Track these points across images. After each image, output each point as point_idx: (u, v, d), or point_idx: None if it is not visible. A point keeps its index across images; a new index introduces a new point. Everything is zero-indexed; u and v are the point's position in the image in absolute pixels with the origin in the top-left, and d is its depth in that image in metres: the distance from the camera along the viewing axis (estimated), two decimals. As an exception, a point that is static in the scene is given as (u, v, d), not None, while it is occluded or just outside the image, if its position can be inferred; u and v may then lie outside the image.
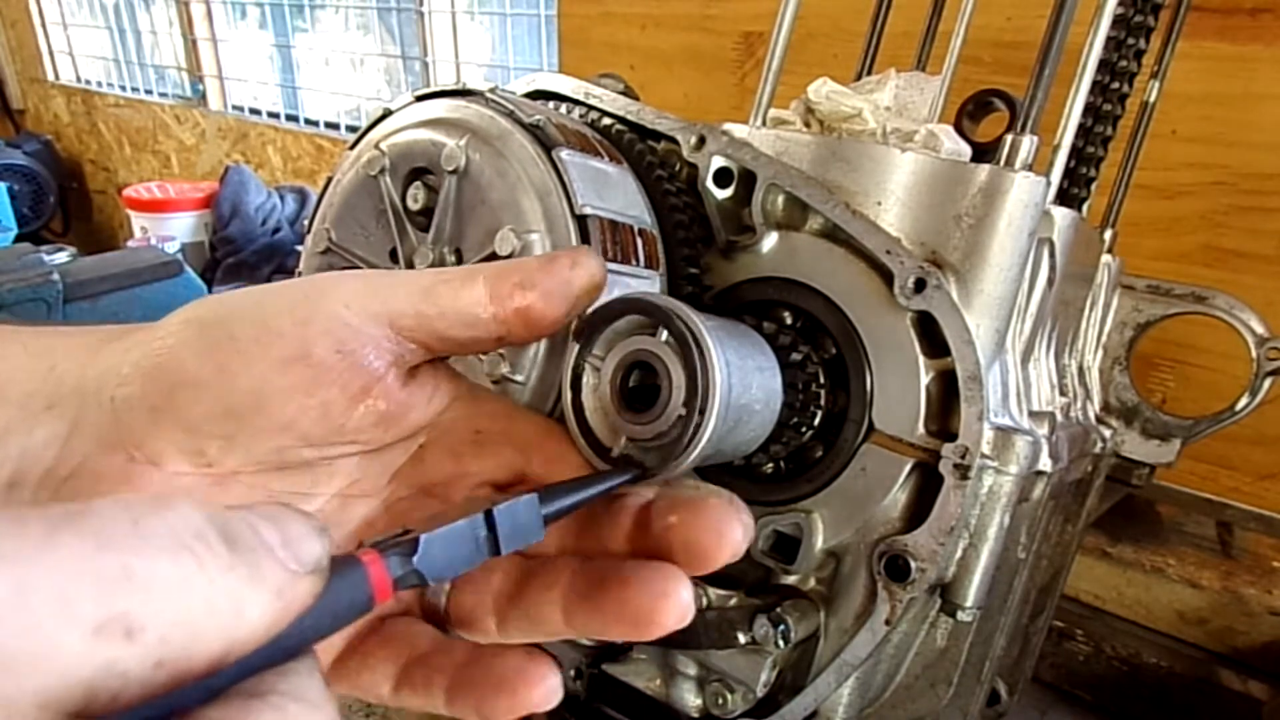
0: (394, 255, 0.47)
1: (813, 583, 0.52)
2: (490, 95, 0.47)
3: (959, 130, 0.61)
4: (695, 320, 0.36)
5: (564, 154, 0.44)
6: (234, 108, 3.41)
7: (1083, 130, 0.74)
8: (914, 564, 0.47)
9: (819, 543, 0.50)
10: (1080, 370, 0.77)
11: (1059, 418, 0.59)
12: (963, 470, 0.45)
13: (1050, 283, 0.56)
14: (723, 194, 0.52)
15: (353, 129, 2.71)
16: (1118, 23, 0.72)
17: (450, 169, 0.45)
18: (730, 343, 0.39)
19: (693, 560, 0.30)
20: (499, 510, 0.29)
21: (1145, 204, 1.03)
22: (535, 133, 0.45)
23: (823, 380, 0.49)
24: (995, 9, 1.12)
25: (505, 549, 0.29)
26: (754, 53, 1.46)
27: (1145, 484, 0.83)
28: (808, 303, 0.51)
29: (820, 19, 1.26)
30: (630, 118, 0.55)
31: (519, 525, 0.29)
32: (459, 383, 0.37)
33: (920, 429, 0.47)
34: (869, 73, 0.80)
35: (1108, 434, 0.75)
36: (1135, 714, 1.09)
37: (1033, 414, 0.55)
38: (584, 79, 0.58)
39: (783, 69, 0.59)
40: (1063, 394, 0.69)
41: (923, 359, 0.48)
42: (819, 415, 0.50)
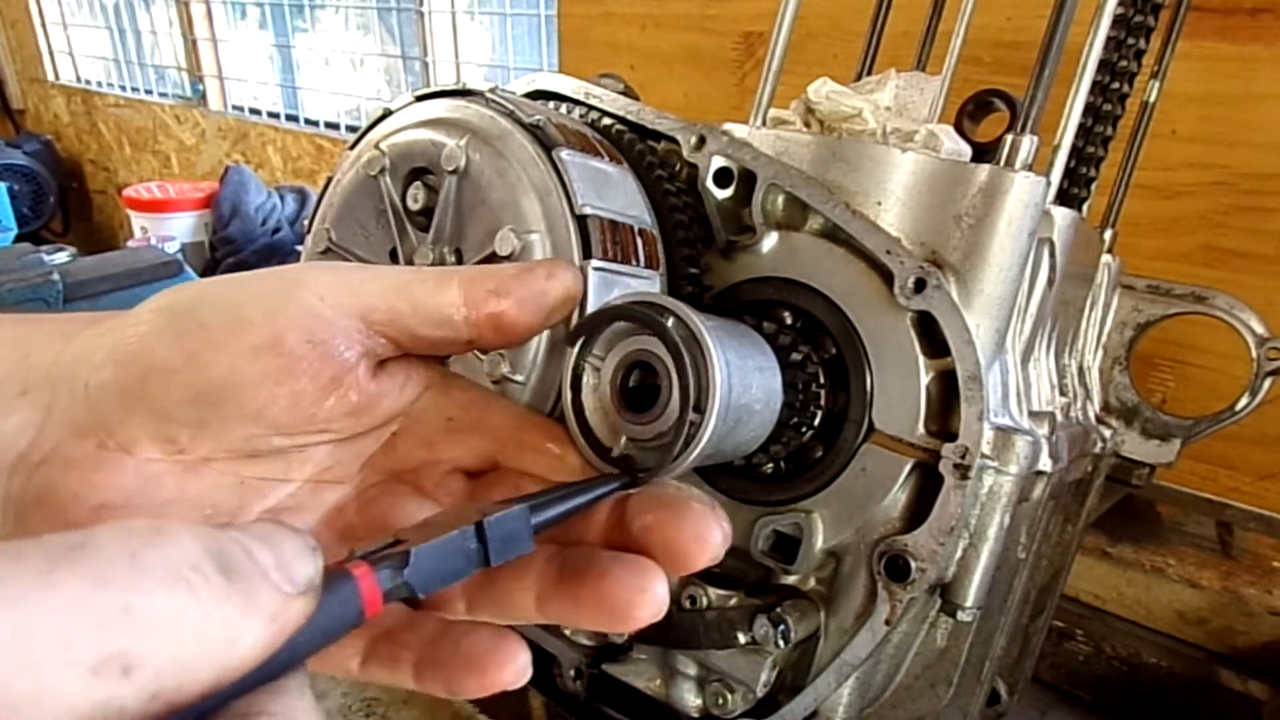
0: (394, 255, 0.47)
1: (813, 583, 0.52)
2: (490, 95, 0.47)
3: (959, 130, 0.61)
4: (695, 320, 0.36)
5: (564, 154, 0.44)
6: (234, 108, 3.41)
7: (1083, 130, 0.74)
8: (914, 564, 0.47)
9: (819, 543, 0.50)
10: (1080, 370, 0.77)
11: (1059, 418, 0.59)
12: (963, 470, 0.45)
13: (1050, 283, 0.56)
14: (723, 194, 0.52)
15: (353, 129, 2.71)
16: (1118, 23, 0.72)
17: (450, 169, 0.45)
18: (730, 343, 0.39)
19: (671, 561, 0.30)
20: (490, 522, 0.29)
21: (1145, 204, 1.03)
22: (535, 133, 0.45)
23: (823, 380, 0.49)
24: (995, 9, 1.12)
25: (495, 561, 0.29)
26: (754, 53, 1.46)
27: (1145, 484, 0.83)
28: (808, 303, 0.51)
29: (820, 19, 1.26)
30: (630, 118, 0.55)
31: (509, 537, 0.29)
32: (431, 371, 0.37)
33: (920, 429, 0.47)
34: (869, 73, 0.80)
35: (1108, 434, 0.75)
36: (1135, 714, 1.09)
37: (1033, 414, 0.55)
38: (584, 79, 0.58)
39: (783, 69, 0.59)
40: (1063, 394, 0.69)
41: (923, 359, 0.48)
42: (819, 415, 0.50)
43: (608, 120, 0.55)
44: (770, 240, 0.52)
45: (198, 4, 3.31)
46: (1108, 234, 0.79)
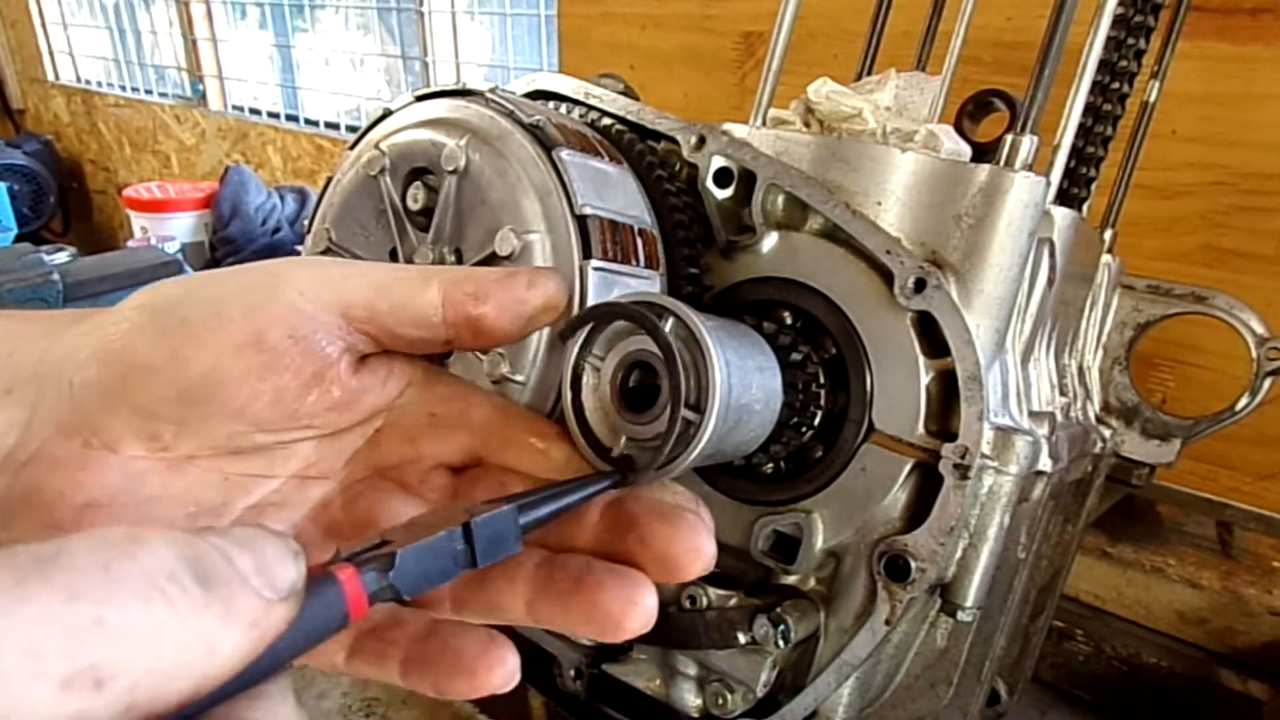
0: (394, 255, 0.47)
1: (813, 583, 0.52)
2: (490, 95, 0.47)
3: (959, 130, 0.61)
4: (695, 320, 0.36)
5: (564, 154, 0.44)
6: (234, 108, 3.41)
7: (1083, 130, 0.74)
8: (914, 564, 0.47)
9: (819, 543, 0.50)
10: (1080, 370, 0.77)
11: (1059, 418, 0.59)
12: (963, 470, 0.45)
13: (1050, 283, 0.56)
14: (723, 194, 0.52)
15: (353, 129, 2.71)
16: (1118, 23, 0.72)
17: (450, 169, 0.45)
18: (730, 342, 0.39)
19: (665, 572, 0.31)
20: (477, 523, 0.29)
21: (1145, 204, 1.03)
22: (535, 133, 0.45)
23: (823, 380, 0.49)
24: (995, 9, 1.12)
25: (482, 562, 0.29)
26: (754, 53, 1.46)
27: (1145, 484, 0.83)
28: (808, 303, 0.51)
29: (820, 19, 1.26)
30: (630, 118, 0.55)
31: (497, 537, 0.29)
32: (414, 366, 0.37)
33: (920, 429, 0.47)
34: (869, 73, 0.80)
35: (1108, 434, 0.75)
36: (1135, 714, 1.09)
37: (1033, 414, 0.55)
38: (584, 79, 0.58)
39: (783, 69, 0.59)
40: (1063, 394, 0.69)
41: (923, 359, 0.48)
42: (819, 415, 0.50)
43: (608, 120, 0.55)
44: (770, 240, 0.52)
45: (198, 4, 3.31)
46: (1108, 234, 0.79)
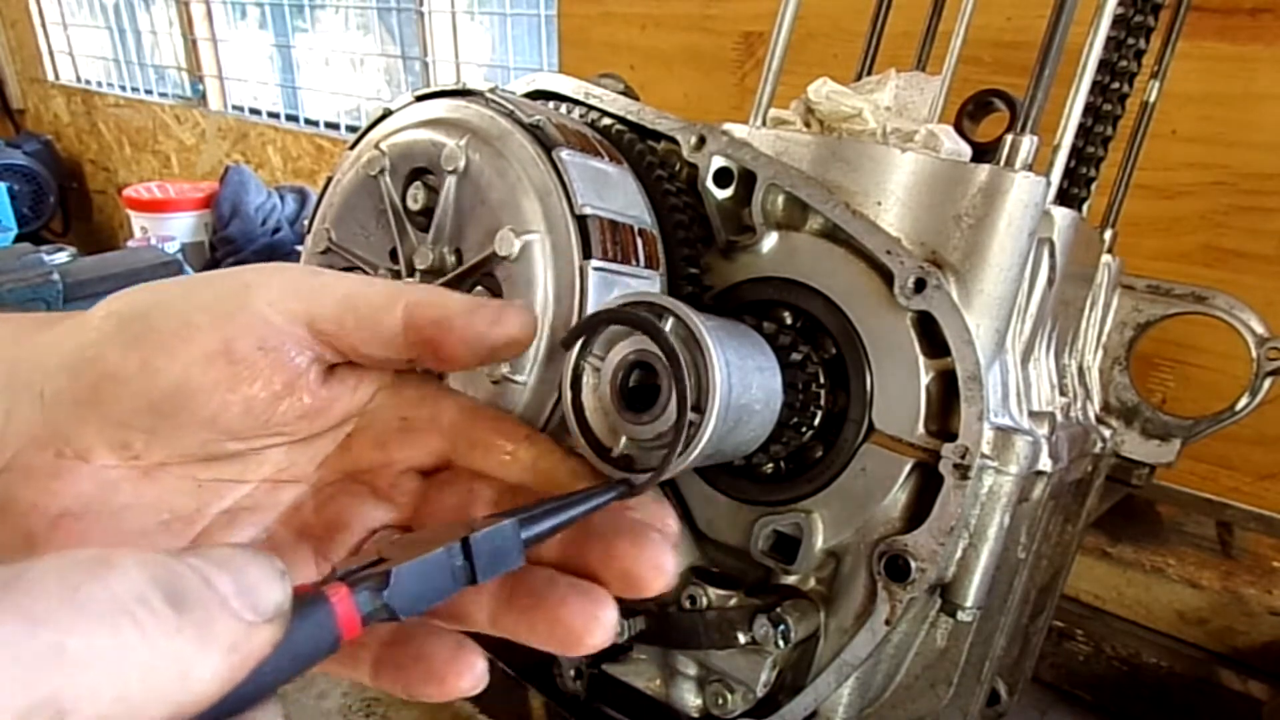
0: (394, 255, 0.48)
1: (813, 583, 0.52)
2: (490, 95, 0.47)
3: (959, 130, 0.61)
4: (695, 320, 0.36)
5: (564, 154, 0.44)
6: (234, 108, 3.41)
7: (1083, 130, 0.74)
8: (914, 564, 0.47)
9: (819, 543, 0.50)
10: (1080, 370, 0.77)
11: (1059, 418, 0.59)
12: (963, 470, 0.45)
13: (1050, 283, 0.56)
14: (723, 194, 0.52)
15: (353, 129, 2.71)
16: (1118, 23, 0.72)
17: (450, 169, 0.45)
18: (730, 343, 0.39)
19: (626, 587, 0.31)
20: (476, 538, 0.28)
21: (1145, 204, 1.03)
22: (535, 133, 0.45)
23: (823, 380, 0.49)
24: (995, 9, 1.12)
25: (483, 578, 0.28)
26: (754, 53, 1.46)
27: (1145, 484, 0.83)
28: (808, 303, 0.51)
29: (820, 19, 1.26)
30: (630, 118, 0.55)
31: (498, 552, 0.29)
32: (384, 372, 0.37)
33: (920, 429, 0.47)
34: (869, 73, 0.80)
35: (1108, 434, 0.75)
36: (1135, 714, 1.09)
37: (1033, 414, 0.55)
38: (584, 79, 0.58)
39: (783, 69, 0.59)
40: (1063, 394, 0.69)
41: (923, 359, 0.48)
42: (819, 415, 0.50)
43: (608, 120, 0.55)
44: (770, 240, 0.52)
45: (198, 4, 3.31)
46: (1108, 234, 0.79)
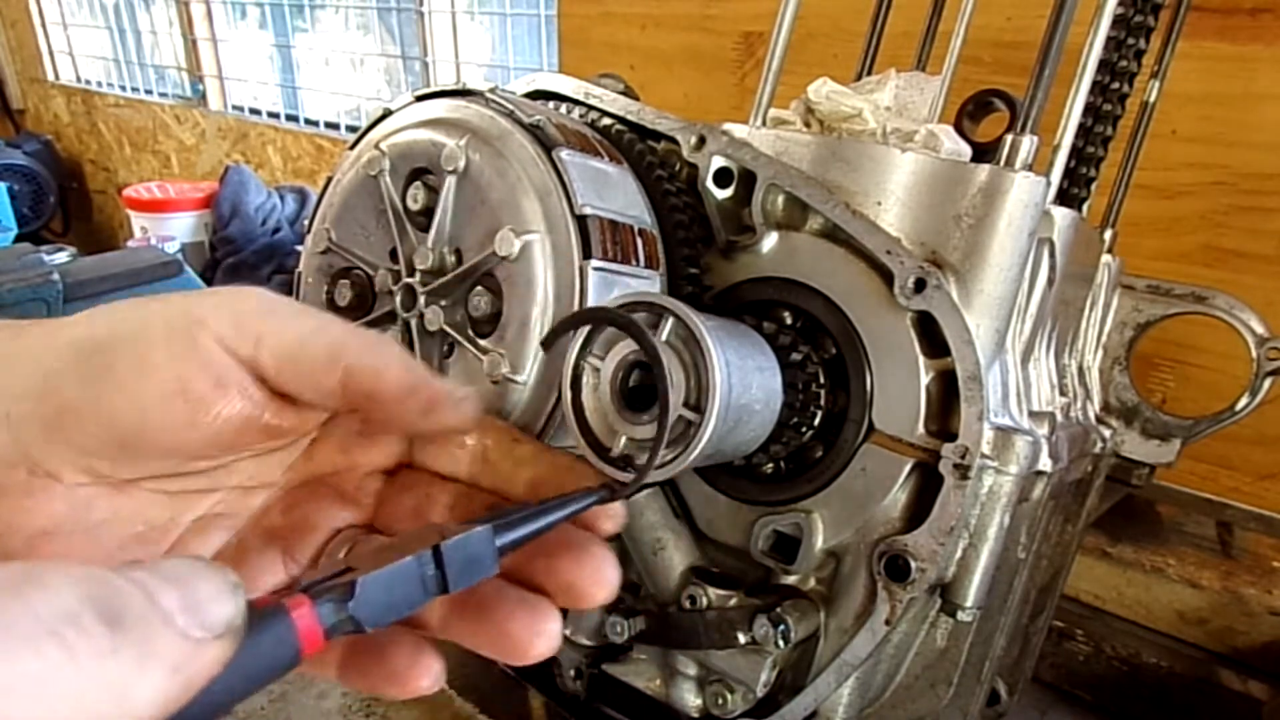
0: (394, 255, 0.48)
1: (813, 583, 0.52)
2: (490, 95, 0.47)
3: (959, 130, 0.61)
4: (695, 320, 0.36)
5: (564, 154, 0.44)
6: (234, 108, 3.41)
7: (1083, 130, 0.74)
8: (914, 564, 0.47)
9: (819, 543, 0.50)
10: (1080, 370, 0.77)
11: (1059, 418, 0.59)
12: (963, 470, 0.45)
13: (1050, 283, 0.56)
14: (723, 194, 0.52)
15: (353, 129, 2.71)
16: (1118, 23, 0.72)
17: (450, 169, 0.45)
18: (730, 343, 0.39)
19: (570, 599, 0.32)
20: (448, 546, 0.27)
21: (1145, 204, 1.03)
22: (535, 133, 0.45)
23: (823, 380, 0.49)
24: (995, 9, 1.12)
25: (455, 588, 0.27)
26: (754, 53, 1.46)
27: (1145, 484, 0.83)
28: (808, 303, 0.51)
29: (820, 19, 1.26)
30: (630, 118, 0.55)
31: (471, 560, 0.28)
32: None
33: (920, 429, 0.47)
34: (869, 73, 0.80)
35: (1108, 434, 0.75)
36: (1135, 714, 1.09)
37: (1033, 414, 0.55)
38: (584, 79, 0.58)
39: (783, 69, 0.59)
40: (1063, 394, 0.69)
41: (923, 359, 0.48)
42: (819, 415, 0.50)
43: (608, 120, 0.55)
44: (770, 240, 0.52)
45: (198, 4, 3.31)
46: (1108, 234, 0.79)
